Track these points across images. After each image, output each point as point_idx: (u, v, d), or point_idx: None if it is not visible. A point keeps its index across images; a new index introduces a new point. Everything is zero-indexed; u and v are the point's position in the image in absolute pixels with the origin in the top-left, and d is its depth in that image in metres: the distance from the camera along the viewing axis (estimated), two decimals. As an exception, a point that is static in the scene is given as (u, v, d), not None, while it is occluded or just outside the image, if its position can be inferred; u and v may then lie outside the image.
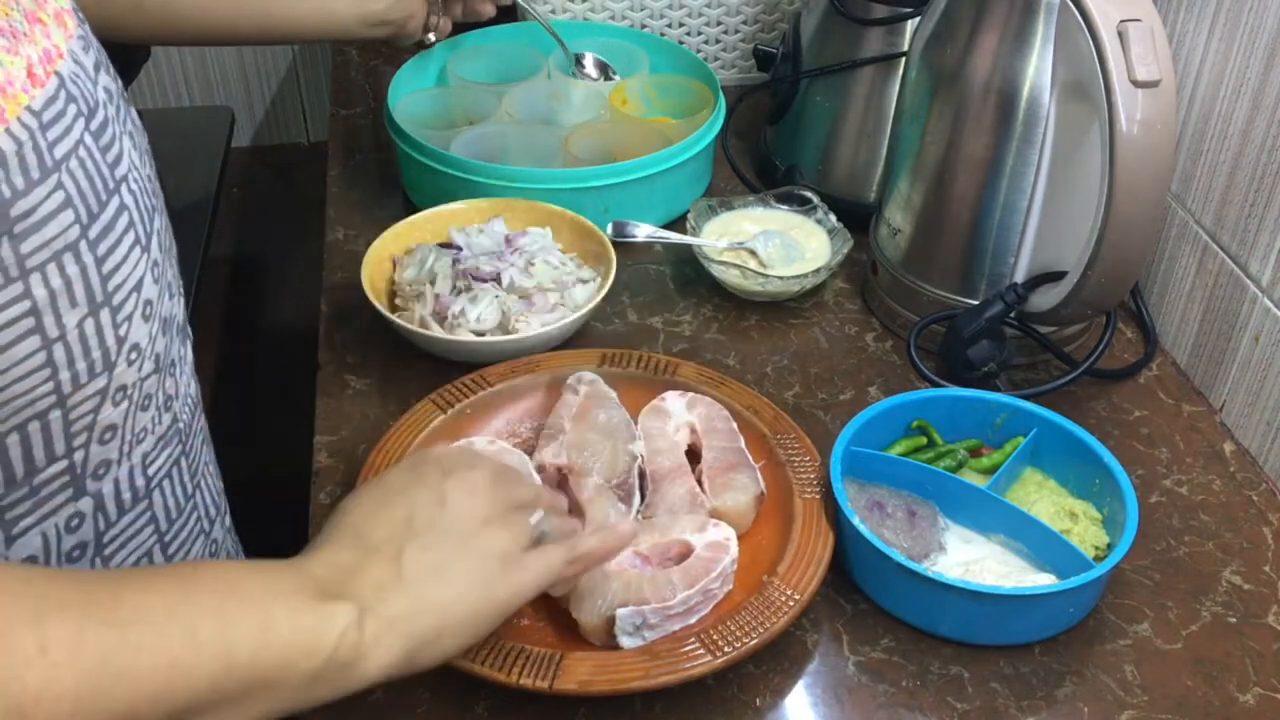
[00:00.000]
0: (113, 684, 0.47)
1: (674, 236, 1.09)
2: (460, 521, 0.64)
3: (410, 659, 0.59)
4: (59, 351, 0.58)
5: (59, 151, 0.57)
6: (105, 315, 0.60)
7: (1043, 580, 0.78)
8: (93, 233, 0.59)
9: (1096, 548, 0.80)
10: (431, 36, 1.26)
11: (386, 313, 0.96)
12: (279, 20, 1.15)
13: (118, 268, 0.61)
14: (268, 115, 1.94)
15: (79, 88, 0.59)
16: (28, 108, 0.55)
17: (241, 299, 1.84)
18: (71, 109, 0.58)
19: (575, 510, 0.83)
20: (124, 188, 0.62)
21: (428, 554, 0.62)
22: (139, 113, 0.70)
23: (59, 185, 0.56)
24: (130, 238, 0.62)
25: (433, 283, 0.98)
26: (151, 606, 0.50)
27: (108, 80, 0.64)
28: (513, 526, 0.66)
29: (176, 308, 0.71)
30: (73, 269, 0.57)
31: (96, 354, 0.60)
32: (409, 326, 0.95)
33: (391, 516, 0.63)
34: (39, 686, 0.45)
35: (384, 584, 0.59)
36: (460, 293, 0.98)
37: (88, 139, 0.59)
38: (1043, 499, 0.84)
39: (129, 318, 0.62)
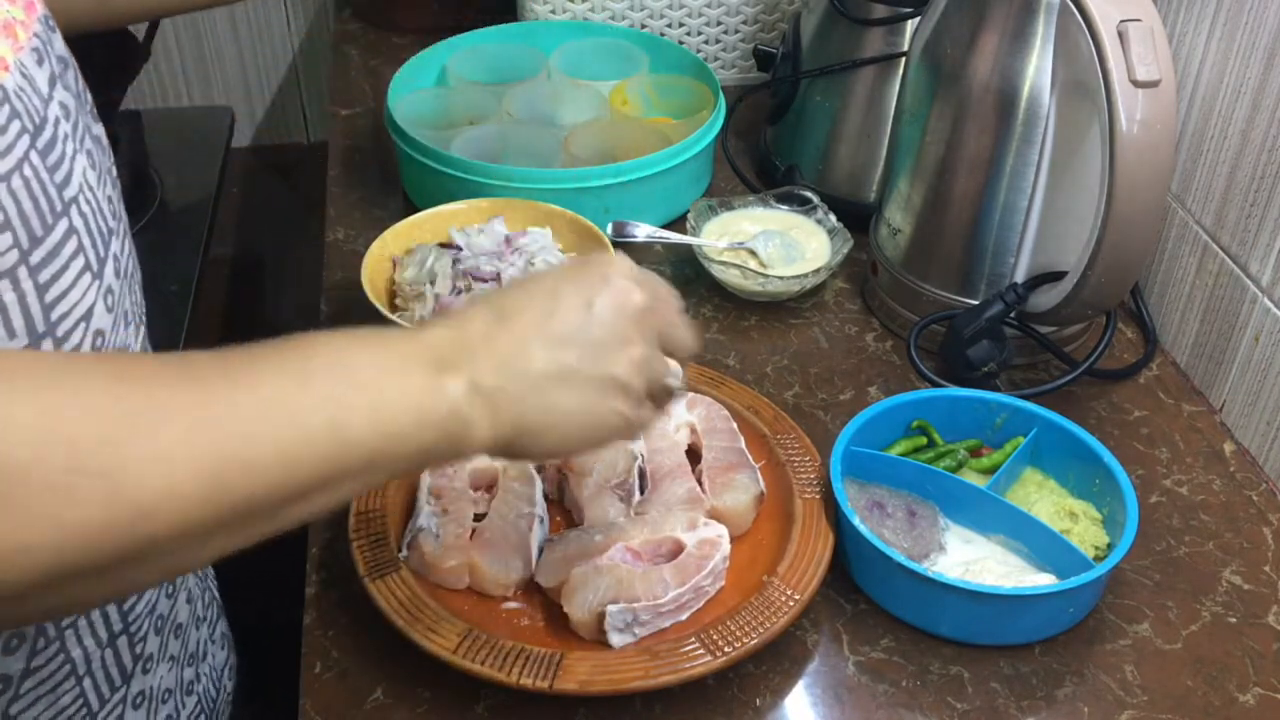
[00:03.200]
0: (232, 479, 0.49)
1: (674, 236, 1.09)
2: (602, 339, 0.61)
3: (512, 444, 0.59)
4: None
5: None
6: (48, 346, 0.56)
7: (1043, 580, 0.78)
8: (34, 258, 0.55)
9: (1096, 548, 0.80)
10: None
11: (386, 313, 0.96)
12: None
13: (64, 295, 0.57)
14: (268, 115, 1.93)
15: (24, 102, 0.55)
16: None
17: (241, 299, 1.83)
18: (15, 125, 0.54)
19: (575, 510, 0.83)
20: (74, 209, 0.58)
21: (558, 355, 0.60)
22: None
23: None
24: (79, 263, 0.58)
25: (433, 283, 0.98)
26: (267, 402, 0.51)
27: (65, 96, 0.60)
28: (651, 365, 0.63)
29: (133, 337, 0.67)
30: (10, 296, 0.54)
31: None
32: (409, 327, 0.95)
33: (533, 305, 0.60)
34: (162, 485, 0.47)
35: (506, 363, 0.58)
36: (460, 293, 0.98)
37: (33, 157, 0.55)
38: (1043, 499, 0.84)
39: (76, 349, 0.58)
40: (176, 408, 0.48)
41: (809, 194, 1.12)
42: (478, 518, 0.81)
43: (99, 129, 0.64)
